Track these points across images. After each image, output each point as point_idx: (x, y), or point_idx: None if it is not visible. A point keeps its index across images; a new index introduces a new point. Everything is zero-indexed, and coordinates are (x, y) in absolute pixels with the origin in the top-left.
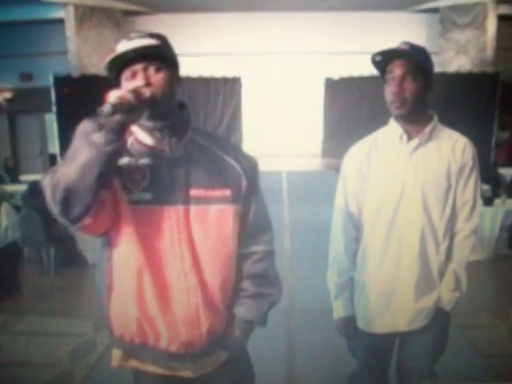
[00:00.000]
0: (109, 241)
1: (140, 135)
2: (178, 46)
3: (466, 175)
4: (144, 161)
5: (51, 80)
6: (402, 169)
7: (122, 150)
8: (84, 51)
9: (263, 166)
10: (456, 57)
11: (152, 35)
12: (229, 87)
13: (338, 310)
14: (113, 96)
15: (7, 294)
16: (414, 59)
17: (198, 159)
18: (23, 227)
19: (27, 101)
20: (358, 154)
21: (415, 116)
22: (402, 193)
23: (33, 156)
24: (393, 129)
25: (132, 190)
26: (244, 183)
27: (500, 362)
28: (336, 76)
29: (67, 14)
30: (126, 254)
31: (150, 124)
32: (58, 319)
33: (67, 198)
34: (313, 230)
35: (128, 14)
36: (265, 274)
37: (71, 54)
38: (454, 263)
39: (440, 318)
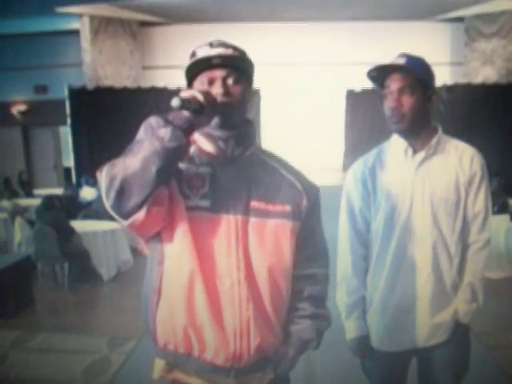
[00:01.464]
0: (161, 244)
1: (202, 143)
2: None
3: (475, 186)
4: (204, 168)
5: (66, 92)
6: (409, 183)
7: (184, 149)
8: (99, 63)
9: None
10: (482, 67)
11: (235, 47)
12: None
13: (350, 331)
14: (183, 93)
15: (21, 310)
16: (412, 72)
17: (259, 173)
18: (37, 242)
19: (42, 113)
20: (362, 170)
21: (417, 129)
22: (411, 208)
23: (47, 170)
24: (397, 143)
25: (190, 196)
26: (305, 203)
27: None
28: (358, 88)
29: (82, 25)
30: (179, 258)
31: (216, 133)
32: (71, 336)
33: (123, 190)
34: (334, 248)
35: (144, 24)
36: (322, 296)
37: (86, 66)
38: (469, 276)
39: (459, 331)
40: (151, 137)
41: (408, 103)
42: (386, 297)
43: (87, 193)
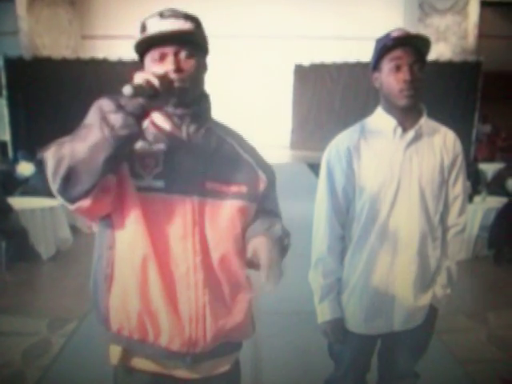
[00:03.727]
0: (112, 228)
1: (157, 118)
2: (134, 26)
3: (457, 168)
4: (159, 146)
5: (1, 62)
6: (398, 163)
7: (136, 137)
8: (36, 31)
9: None
10: (435, 44)
11: (187, 17)
12: None
13: (324, 313)
14: (137, 78)
15: None
16: (427, 47)
17: (216, 151)
18: None
19: None
20: (347, 146)
21: (413, 107)
22: (398, 188)
23: None
24: (384, 120)
25: (143, 176)
26: (262, 183)
27: (477, 368)
28: (306, 62)
29: None
30: (131, 242)
31: (170, 109)
32: (9, 317)
33: (69, 176)
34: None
35: None
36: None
37: (23, 35)
38: (448, 259)
39: (431, 316)
40: (101, 122)
41: (420, 77)
42: (366, 278)
43: (24, 168)
